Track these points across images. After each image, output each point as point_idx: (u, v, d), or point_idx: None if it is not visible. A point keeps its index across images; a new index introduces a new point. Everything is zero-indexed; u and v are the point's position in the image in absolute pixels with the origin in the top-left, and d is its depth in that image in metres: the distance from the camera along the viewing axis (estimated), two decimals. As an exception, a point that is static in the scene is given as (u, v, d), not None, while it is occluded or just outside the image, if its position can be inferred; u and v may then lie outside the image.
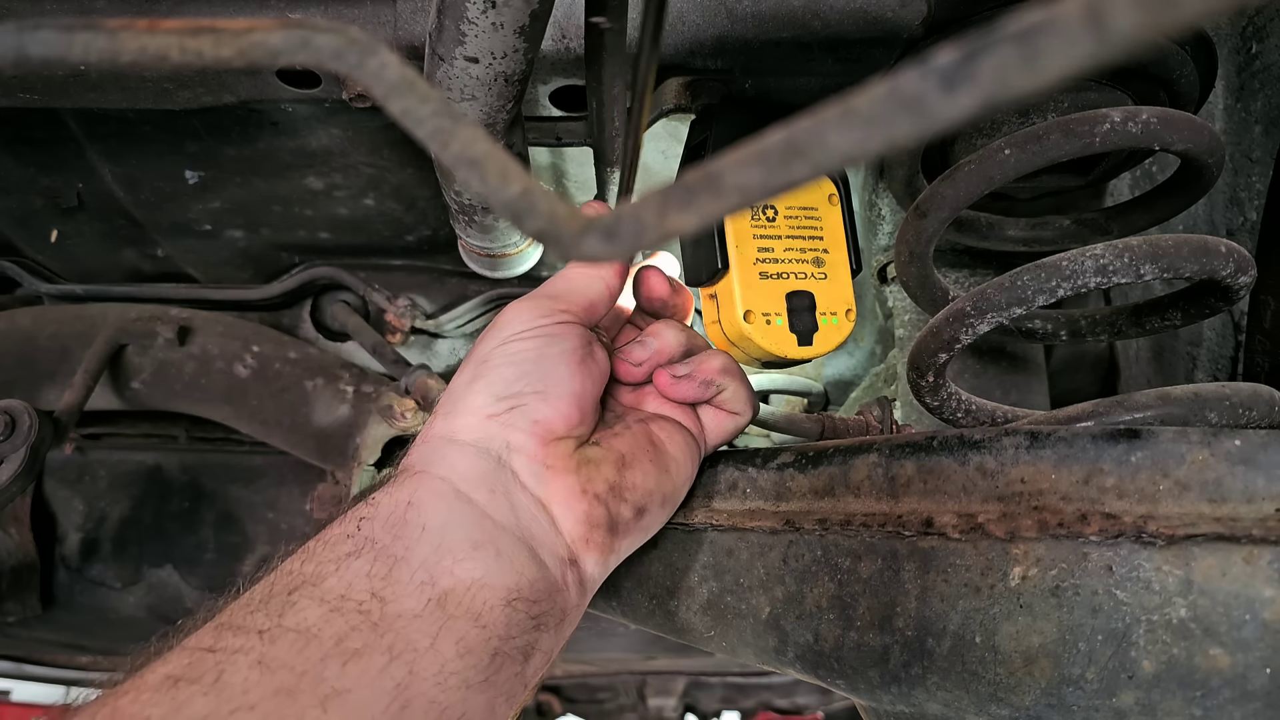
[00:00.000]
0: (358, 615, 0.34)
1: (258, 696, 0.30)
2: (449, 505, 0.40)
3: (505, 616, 0.38)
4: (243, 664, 0.31)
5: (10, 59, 0.21)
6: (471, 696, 0.35)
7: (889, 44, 0.59)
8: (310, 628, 0.33)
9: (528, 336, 0.45)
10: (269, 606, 0.34)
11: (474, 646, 0.36)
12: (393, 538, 0.38)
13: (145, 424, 1.11)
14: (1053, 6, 0.14)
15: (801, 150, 0.17)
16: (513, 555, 0.40)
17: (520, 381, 0.44)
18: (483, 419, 0.43)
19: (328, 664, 0.32)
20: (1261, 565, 0.32)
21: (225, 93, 0.68)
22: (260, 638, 0.33)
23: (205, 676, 0.31)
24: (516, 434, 0.43)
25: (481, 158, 0.20)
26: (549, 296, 0.48)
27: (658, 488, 0.46)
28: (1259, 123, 0.66)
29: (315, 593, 0.35)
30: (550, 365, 0.44)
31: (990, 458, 0.39)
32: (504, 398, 0.44)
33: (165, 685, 0.30)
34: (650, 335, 0.50)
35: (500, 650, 0.37)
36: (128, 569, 1.15)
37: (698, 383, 0.49)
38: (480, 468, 0.42)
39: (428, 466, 0.42)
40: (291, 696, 0.31)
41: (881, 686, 0.40)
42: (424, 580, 0.37)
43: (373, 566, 0.37)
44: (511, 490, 0.42)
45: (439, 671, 0.35)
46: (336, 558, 0.37)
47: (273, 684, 0.31)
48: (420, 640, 0.35)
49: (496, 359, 0.45)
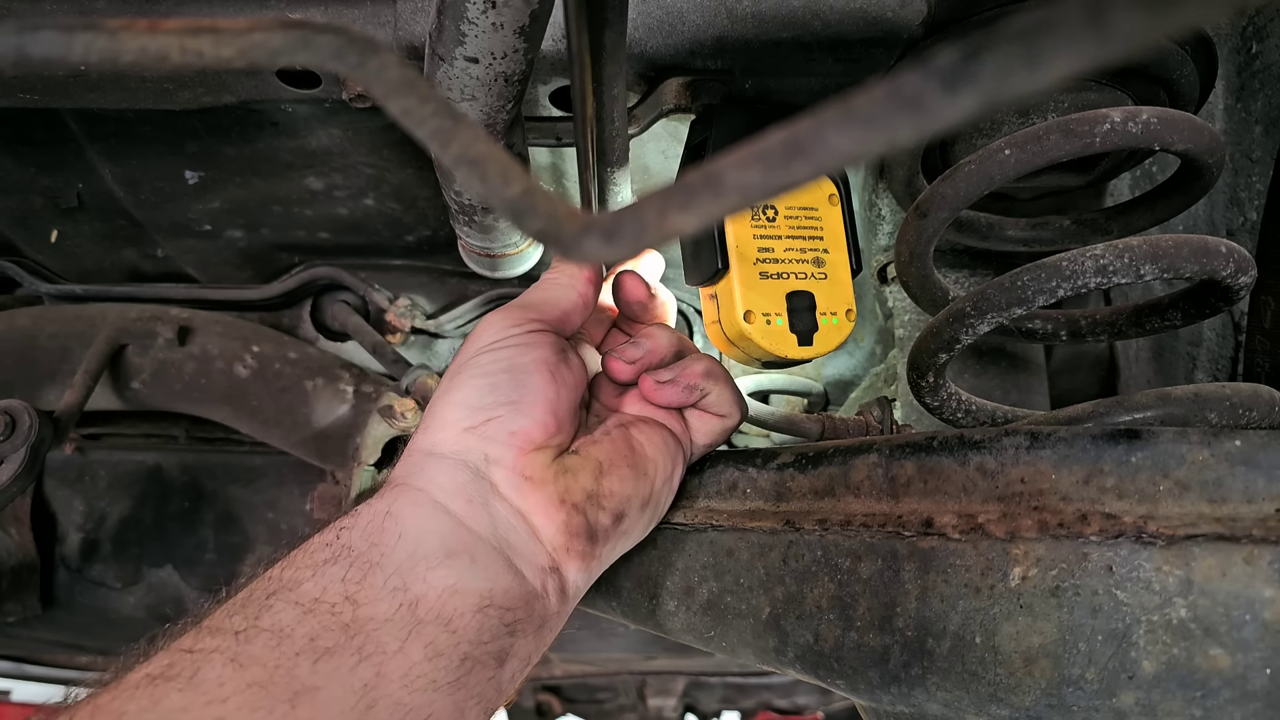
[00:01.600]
0: (330, 617, 0.36)
1: (231, 690, 0.32)
2: (426, 514, 0.41)
3: (477, 622, 0.39)
4: (218, 662, 0.33)
5: (10, 59, 0.21)
6: (439, 699, 0.36)
7: (889, 44, 0.59)
8: (284, 628, 0.35)
9: (499, 347, 0.46)
10: (246, 610, 0.36)
11: (443, 650, 0.37)
12: (369, 545, 0.39)
13: (145, 424, 1.11)
14: (1053, 6, 0.14)
15: (802, 150, 0.17)
16: (487, 563, 0.41)
17: (494, 393, 0.45)
18: (459, 432, 0.44)
19: (299, 661, 0.33)
20: (1262, 565, 0.32)
21: (225, 93, 0.68)
22: (236, 638, 0.34)
23: (182, 674, 0.32)
24: (494, 446, 0.44)
25: (482, 158, 0.20)
26: (520, 307, 0.49)
27: (635, 492, 0.47)
28: (1259, 123, 0.66)
29: (291, 596, 0.36)
30: (522, 375, 0.45)
31: (990, 458, 0.39)
32: (478, 409, 0.44)
33: (144, 683, 0.32)
34: (644, 336, 0.51)
35: (471, 655, 0.38)
36: (128, 569, 1.15)
37: (681, 387, 0.50)
38: (458, 479, 0.43)
39: (408, 479, 0.44)
40: (264, 690, 0.32)
41: (881, 687, 0.40)
42: (397, 586, 0.38)
43: (348, 572, 0.38)
44: (490, 501, 0.43)
45: (406, 674, 0.36)
46: (314, 564, 0.38)
47: (245, 679, 0.32)
48: (389, 643, 0.36)
49: (468, 371, 0.46)
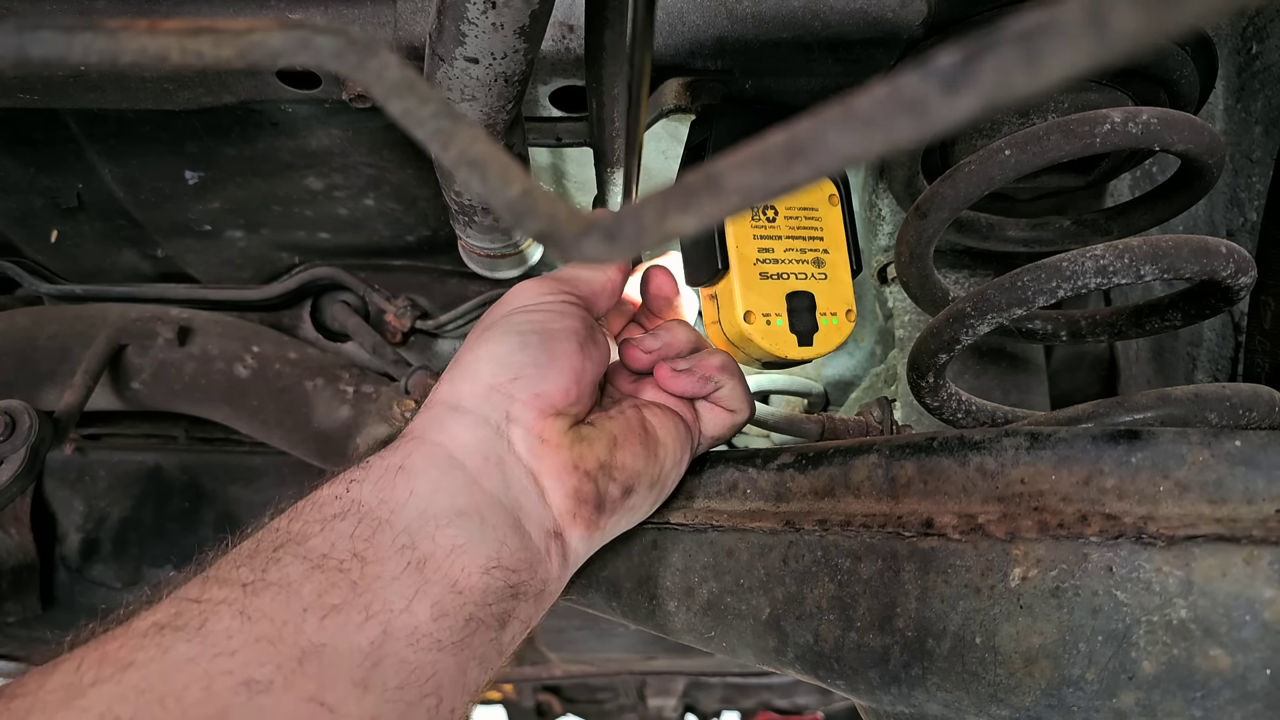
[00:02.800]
0: (338, 573, 0.35)
1: (240, 643, 0.32)
2: (440, 471, 0.41)
3: (483, 584, 0.39)
4: (226, 614, 0.33)
5: (10, 59, 0.21)
6: (443, 658, 0.36)
7: (889, 44, 0.59)
8: (292, 582, 0.34)
9: (534, 310, 0.46)
10: (254, 561, 0.35)
11: (449, 611, 0.37)
12: (379, 501, 0.39)
13: (145, 424, 1.10)
14: (1054, 7, 0.14)
15: (802, 151, 0.17)
16: (496, 524, 0.41)
17: (525, 351, 0.44)
18: (485, 387, 0.44)
19: (306, 617, 0.33)
20: (1262, 566, 0.32)
21: (225, 93, 0.68)
22: (244, 590, 0.34)
23: (190, 624, 0.32)
24: (516, 405, 0.44)
25: (482, 158, 0.20)
26: (555, 279, 0.49)
27: (646, 470, 0.47)
28: (1259, 123, 0.66)
29: (299, 550, 0.36)
30: (554, 340, 0.45)
31: (990, 458, 0.39)
32: (507, 365, 0.44)
33: (152, 631, 0.32)
34: (663, 329, 0.52)
35: (475, 616, 0.38)
36: (128, 569, 1.15)
37: (697, 377, 0.51)
38: (478, 435, 0.43)
39: (426, 433, 0.43)
40: (271, 645, 0.32)
41: (881, 687, 0.40)
42: (405, 544, 0.38)
43: (356, 528, 0.37)
44: (505, 460, 0.43)
45: (412, 632, 0.36)
46: (323, 518, 0.38)
47: (254, 632, 0.32)
48: (396, 601, 0.36)
49: (501, 327, 0.46)
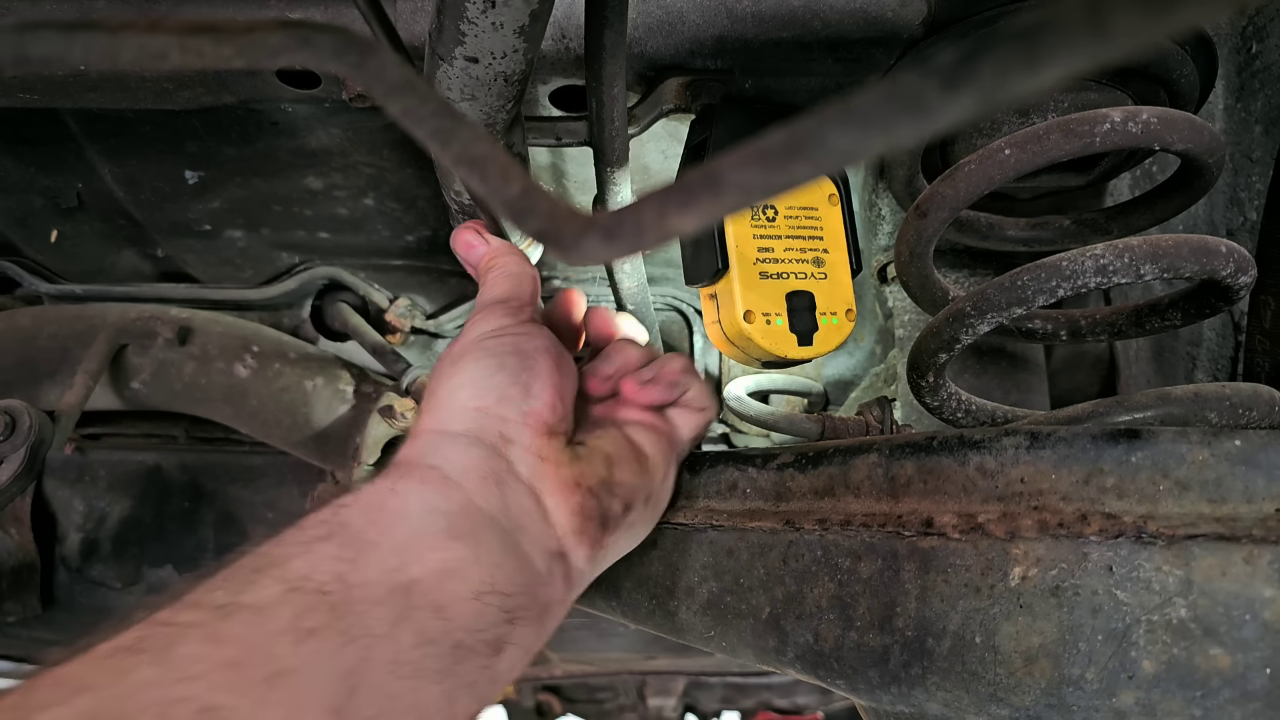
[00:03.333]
0: (318, 596, 0.34)
1: (204, 668, 0.30)
2: (434, 493, 0.40)
3: (473, 609, 0.37)
4: (194, 637, 0.31)
5: (10, 59, 0.21)
6: (425, 686, 0.35)
7: (889, 44, 0.59)
8: (266, 605, 0.33)
9: (503, 334, 0.46)
10: (229, 585, 0.34)
11: (434, 637, 0.36)
12: (368, 523, 0.38)
13: (145, 424, 1.10)
14: (1053, 6, 0.14)
15: (802, 150, 0.17)
16: (493, 546, 0.40)
17: (502, 373, 0.44)
18: (470, 410, 0.43)
19: (279, 641, 0.32)
20: (1262, 565, 0.32)
21: (225, 93, 0.68)
22: (216, 613, 0.32)
23: (156, 647, 0.31)
24: (510, 425, 0.43)
25: (482, 158, 0.20)
26: (508, 305, 0.49)
27: (641, 485, 0.47)
28: (1259, 123, 0.66)
29: (277, 573, 0.35)
30: (531, 359, 0.45)
31: (990, 458, 0.39)
32: (488, 388, 0.44)
33: (116, 654, 0.30)
34: (613, 351, 0.52)
35: (464, 643, 0.37)
36: (128, 569, 1.15)
37: (664, 384, 0.51)
38: (474, 455, 0.42)
39: (418, 458, 0.42)
40: (238, 670, 0.30)
41: (881, 686, 0.40)
42: (392, 566, 0.36)
43: (340, 550, 0.36)
44: (505, 479, 0.42)
45: (393, 660, 0.34)
46: (305, 540, 0.36)
47: (220, 656, 0.31)
48: (378, 626, 0.34)
49: (473, 355, 0.45)
